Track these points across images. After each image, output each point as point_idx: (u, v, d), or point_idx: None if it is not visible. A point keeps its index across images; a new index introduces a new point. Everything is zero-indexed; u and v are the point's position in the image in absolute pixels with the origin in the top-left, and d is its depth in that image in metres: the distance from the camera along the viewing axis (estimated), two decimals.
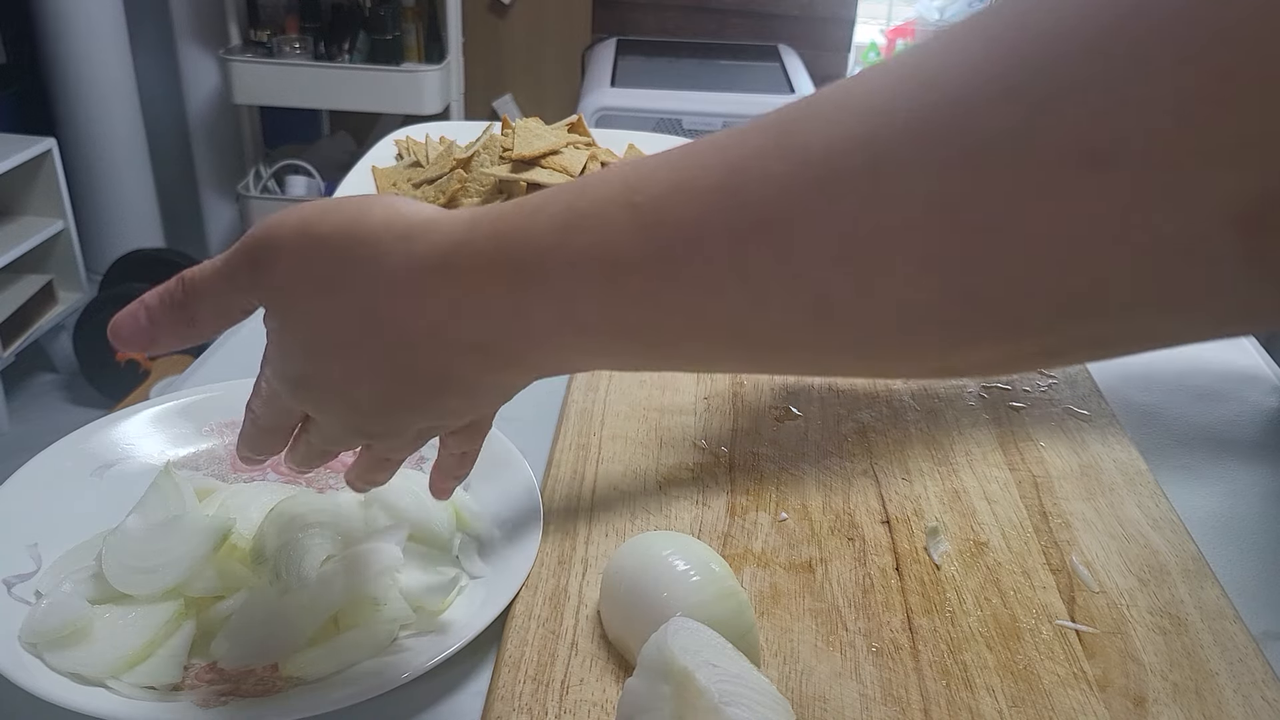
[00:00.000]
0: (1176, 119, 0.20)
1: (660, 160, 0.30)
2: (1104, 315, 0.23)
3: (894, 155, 0.25)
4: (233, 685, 0.46)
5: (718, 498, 0.58)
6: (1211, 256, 0.21)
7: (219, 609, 0.48)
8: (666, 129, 2.33)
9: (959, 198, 0.23)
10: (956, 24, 0.25)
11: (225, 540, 0.48)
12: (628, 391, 0.68)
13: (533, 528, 0.54)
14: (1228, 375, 0.76)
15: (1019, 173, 0.22)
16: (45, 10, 2.38)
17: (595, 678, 0.46)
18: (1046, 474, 0.61)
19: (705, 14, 2.91)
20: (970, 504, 0.58)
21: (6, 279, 2.22)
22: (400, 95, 2.47)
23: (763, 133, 0.28)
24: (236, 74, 2.44)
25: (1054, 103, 0.22)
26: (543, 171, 0.86)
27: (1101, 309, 0.23)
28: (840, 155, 0.26)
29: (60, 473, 0.56)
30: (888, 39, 3.61)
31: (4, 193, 2.20)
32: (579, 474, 0.60)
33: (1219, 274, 0.21)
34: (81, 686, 0.44)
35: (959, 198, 0.23)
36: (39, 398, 2.34)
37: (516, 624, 0.49)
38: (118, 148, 2.54)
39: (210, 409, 0.63)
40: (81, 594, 0.47)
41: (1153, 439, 0.67)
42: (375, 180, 0.96)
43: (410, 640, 0.49)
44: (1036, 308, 0.24)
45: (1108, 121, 0.21)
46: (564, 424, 0.64)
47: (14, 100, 2.56)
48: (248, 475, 0.60)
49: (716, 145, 0.29)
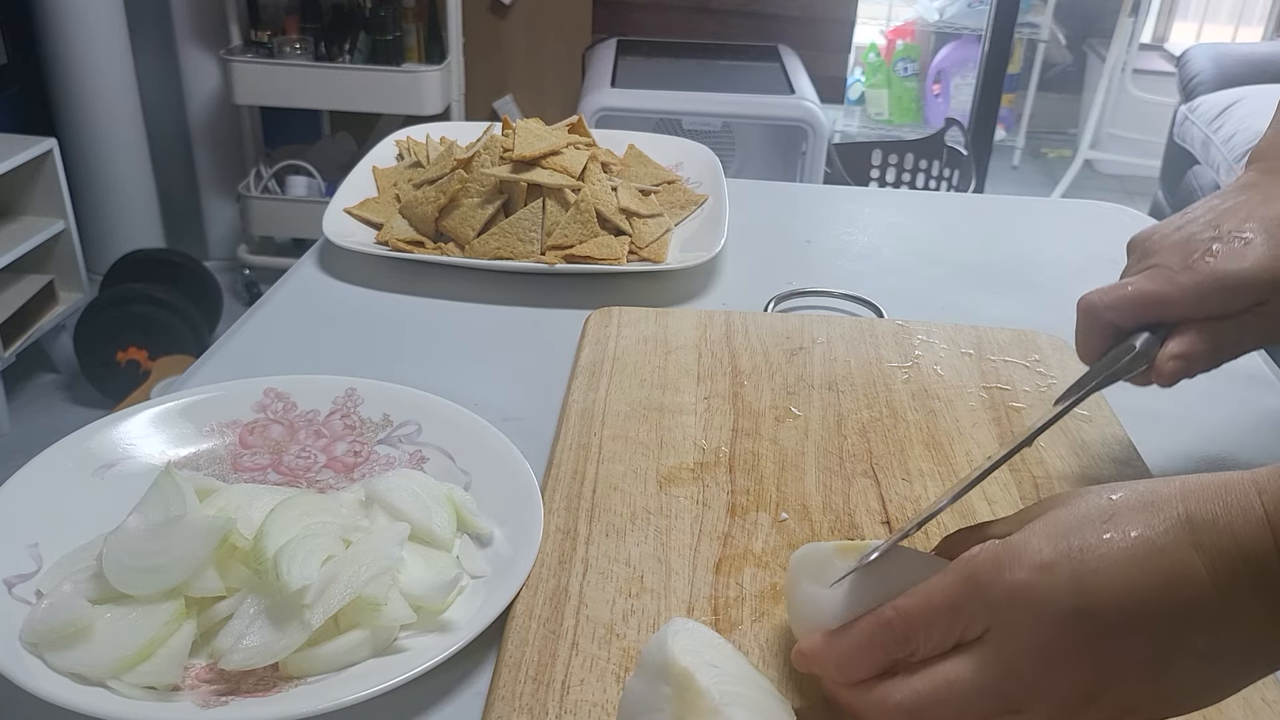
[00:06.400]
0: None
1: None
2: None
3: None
4: (233, 685, 0.46)
5: (718, 498, 0.58)
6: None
7: (219, 609, 0.48)
8: (666, 129, 2.33)
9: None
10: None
11: (225, 540, 0.48)
12: (628, 391, 0.68)
13: (533, 528, 0.54)
14: (1228, 375, 0.76)
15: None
16: (45, 10, 2.38)
17: (595, 678, 0.46)
18: (1046, 474, 0.61)
19: (705, 14, 2.91)
20: (970, 504, 0.58)
21: (7, 279, 2.22)
22: (401, 96, 2.47)
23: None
24: (237, 74, 2.44)
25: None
26: (543, 172, 0.86)
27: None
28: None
29: (60, 473, 0.56)
30: (887, 39, 3.61)
31: (4, 193, 2.20)
32: (579, 474, 0.60)
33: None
34: (82, 686, 0.44)
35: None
36: (39, 398, 2.34)
37: (517, 624, 0.49)
38: (118, 148, 2.54)
39: (210, 409, 0.63)
40: (82, 594, 0.47)
41: (1153, 439, 0.67)
42: (375, 180, 0.97)
43: (410, 640, 0.49)
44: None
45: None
46: (564, 424, 0.64)
47: (14, 100, 2.55)
48: (248, 475, 0.60)
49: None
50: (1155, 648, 0.36)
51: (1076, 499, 0.40)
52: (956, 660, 0.39)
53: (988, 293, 0.87)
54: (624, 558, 0.53)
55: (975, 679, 0.38)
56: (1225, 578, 0.35)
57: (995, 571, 0.38)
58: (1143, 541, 0.37)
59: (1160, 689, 0.37)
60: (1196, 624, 0.36)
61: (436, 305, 0.82)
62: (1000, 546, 0.39)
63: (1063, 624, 0.37)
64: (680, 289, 0.86)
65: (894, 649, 0.40)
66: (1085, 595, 0.37)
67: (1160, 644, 0.36)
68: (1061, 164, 3.58)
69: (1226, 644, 0.36)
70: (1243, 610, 0.36)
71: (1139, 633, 0.36)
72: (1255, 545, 0.35)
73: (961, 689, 0.38)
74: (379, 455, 0.61)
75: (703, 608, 0.50)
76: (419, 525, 0.53)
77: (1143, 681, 0.37)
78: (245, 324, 0.79)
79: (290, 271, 0.87)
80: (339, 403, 0.64)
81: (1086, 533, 0.38)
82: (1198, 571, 0.36)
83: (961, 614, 0.39)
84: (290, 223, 2.63)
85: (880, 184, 2.68)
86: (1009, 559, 0.38)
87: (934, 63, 3.55)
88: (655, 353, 0.72)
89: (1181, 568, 0.36)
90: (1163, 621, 0.36)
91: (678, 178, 0.99)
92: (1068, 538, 0.38)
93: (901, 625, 0.40)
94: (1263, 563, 0.35)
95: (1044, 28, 3.50)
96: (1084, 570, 0.37)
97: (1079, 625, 0.37)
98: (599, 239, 0.85)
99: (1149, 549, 0.36)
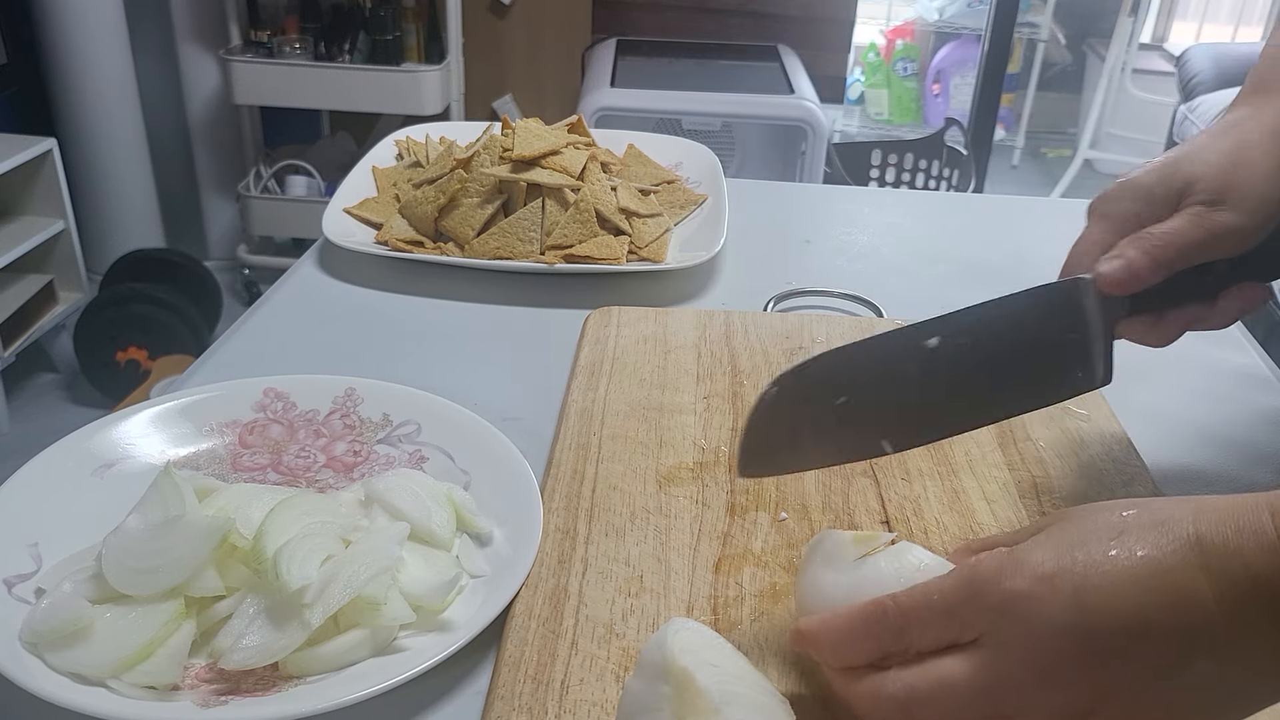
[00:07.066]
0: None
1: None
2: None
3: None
4: (232, 685, 0.46)
5: (717, 497, 0.58)
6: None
7: (219, 609, 0.48)
8: (666, 129, 2.33)
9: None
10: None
11: (225, 540, 0.48)
12: (627, 391, 0.68)
13: (532, 527, 0.54)
14: (1228, 375, 0.76)
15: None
16: (45, 10, 2.38)
17: (595, 678, 0.46)
18: (1046, 474, 0.61)
19: (705, 14, 2.91)
20: (970, 504, 0.58)
21: (7, 279, 2.22)
22: (400, 95, 2.47)
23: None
24: (237, 74, 2.44)
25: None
26: (543, 172, 0.86)
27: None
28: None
29: (60, 473, 0.56)
30: (887, 39, 3.61)
31: (4, 193, 2.20)
32: (579, 474, 0.60)
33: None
34: (81, 686, 0.44)
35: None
36: (39, 398, 2.34)
37: (516, 624, 0.49)
38: (118, 148, 2.54)
39: (210, 409, 0.63)
40: (82, 594, 0.47)
41: (1153, 439, 0.67)
42: (375, 180, 0.97)
43: (410, 640, 0.49)
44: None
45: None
46: (564, 424, 0.64)
47: (14, 100, 2.55)
48: (248, 475, 0.60)
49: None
50: (1154, 669, 0.36)
51: (1089, 514, 0.40)
52: (951, 660, 0.39)
53: (988, 292, 0.87)
54: (623, 557, 0.53)
55: (967, 681, 0.38)
56: (1232, 602, 0.35)
57: (995, 578, 0.38)
58: (1149, 561, 0.36)
59: (1158, 711, 0.37)
60: (1199, 647, 0.35)
61: (436, 305, 0.82)
62: (1004, 554, 0.39)
63: (1058, 638, 0.37)
64: (680, 289, 0.86)
65: (888, 640, 0.40)
66: (1084, 611, 0.36)
67: (1159, 665, 0.36)
68: (1061, 164, 3.58)
69: (1231, 669, 0.36)
70: (1250, 635, 0.35)
71: (1137, 653, 0.36)
72: (1266, 571, 0.35)
73: (953, 689, 0.38)
74: (379, 455, 0.61)
75: (702, 607, 0.50)
76: (419, 525, 0.53)
77: (1139, 702, 0.36)
78: (245, 324, 0.79)
79: (290, 271, 0.87)
80: (339, 402, 0.64)
81: (1092, 548, 0.37)
82: (1203, 595, 0.35)
83: (957, 616, 0.39)
84: (290, 223, 2.63)
85: (880, 184, 2.68)
86: (1011, 567, 0.38)
87: (934, 62, 3.55)
88: (655, 352, 0.72)
89: (1186, 590, 0.35)
90: (1163, 643, 0.36)
91: (677, 178, 0.99)
92: (1072, 552, 0.38)
93: (897, 617, 0.40)
94: (1273, 589, 0.35)
95: (1044, 27, 3.50)
96: (1085, 586, 0.37)
97: (1074, 641, 0.36)
98: (598, 239, 0.85)
99: (1154, 569, 0.36)
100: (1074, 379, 0.53)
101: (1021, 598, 0.37)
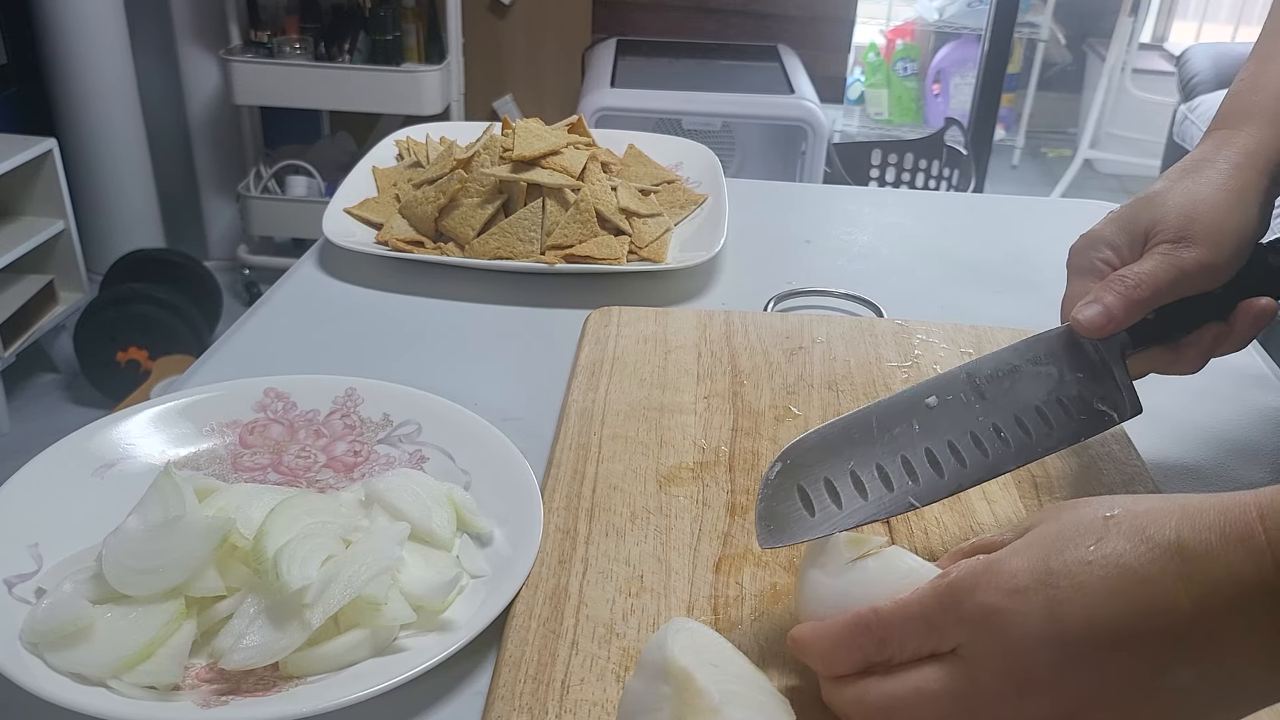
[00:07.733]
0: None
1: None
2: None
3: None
4: (233, 685, 0.46)
5: (717, 497, 0.58)
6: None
7: (219, 609, 0.48)
8: (666, 129, 2.33)
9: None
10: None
11: (225, 540, 0.48)
12: (627, 391, 0.68)
13: (532, 527, 0.54)
14: (1228, 375, 0.76)
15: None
16: (45, 10, 2.38)
17: (595, 677, 0.46)
18: (1046, 474, 0.61)
19: (705, 14, 2.91)
20: (970, 504, 0.58)
21: (7, 279, 2.22)
22: (400, 95, 2.47)
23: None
24: (237, 74, 2.44)
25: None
26: (543, 172, 0.86)
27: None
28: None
29: (60, 473, 0.56)
30: (887, 39, 3.61)
31: (4, 193, 2.20)
32: (579, 474, 0.60)
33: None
34: (82, 686, 0.44)
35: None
36: (39, 398, 2.34)
37: (516, 623, 0.49)
38: (118, 148, 2.54)
39: (210, 409, 0.63)
40: (82, 594, 0.47)
41: (1153, 439, 0.67)
42: (375, 180, 0.97)
43: (410, 640, 0.49)
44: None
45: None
46: (564, 424, 0.64)
47: (14, 100, 2.56)
48: (248, 475, 0.60)
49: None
50: (1131, 678, 0.36)
51: (1072, 511, 0.39)
52: (930, 669, 0.39)
53: (987, 292, 0.87)
54: (624, 557, 0.53)
55: (945, 691, 0.38)
56: (1215, 609, 0.34)
57: (970, 591, 0.38)
58: (1125, 570, 0.36)
59: (1140, 718, 0.36)
60: (1179, 656, 0.35)
61: (436, 305, 0.82)
62: (980, 565, 0.39)
63: (1034, 650, 0.36)
64: (680, 289, 0.86)
65: (871, 650, 0.41)
66: (1058, 623, 0.36)
67: (1137, 675, 0.36)
68: (1061, 163, 3.58)
69: (1213, 674, 0.35)
70: (1232, 640, 0.35)
71: (1114, 663, 0.36)
72: (1253, 574, 0.34)
73: (931, 698, 0.39)
74: (379, 455, 0.61)
75: (702, 607, 0.50)
76: (419, 525, 0.53)
77: (1119, 710, 0.36)
78: (245, 324, 0.79)
79: (290, 271, 0.87)
80: (339, 402, 0.64)
81: (1069, 555, 0.37)
82: (1180, 603, 0.35)
83: (935, 628, 0.39)
84: (290, 223, 2.63)
85: (880, 184, 2.68)
86: (985, 579, 0.38)
87: (934, 62, 3.55)
88: (655, 352, 0.72)
89: (1162, 599, 0.35)
90: (1140, 652, 0.35)
91: (677, 177, 0.99)
92: (1048, 560, 0.37)
93: (879, 629, 0.40)
94: (1261, 591, 0.34)
95: (1044, 27, 3.50)
96: (1059, 598, 0.36)
97: (1050, 652, 0.36)
98: (599, 239, 0.85)
99: (1130, 578, 0.36)
100: (1100, 415, 0.53)
101: (994, 612, 0.37)
